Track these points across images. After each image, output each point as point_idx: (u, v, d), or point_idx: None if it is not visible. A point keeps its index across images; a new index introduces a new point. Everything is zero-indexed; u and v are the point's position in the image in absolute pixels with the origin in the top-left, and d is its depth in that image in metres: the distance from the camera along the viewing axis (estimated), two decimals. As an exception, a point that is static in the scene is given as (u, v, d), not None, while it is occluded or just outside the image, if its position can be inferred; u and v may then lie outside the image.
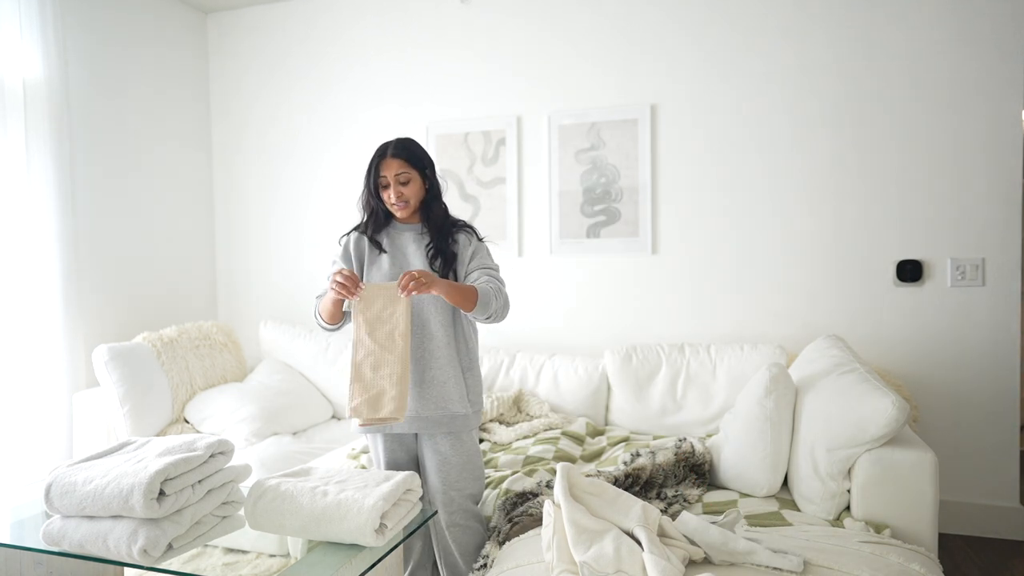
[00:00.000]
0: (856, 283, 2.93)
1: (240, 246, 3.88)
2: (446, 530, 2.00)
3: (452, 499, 1.98)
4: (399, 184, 1.98)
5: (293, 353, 3.43)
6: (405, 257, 2.03)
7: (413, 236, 2.05)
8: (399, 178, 1.97)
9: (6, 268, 2.75)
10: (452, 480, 1.98)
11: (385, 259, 2.03)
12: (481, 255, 2.04)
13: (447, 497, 1.98)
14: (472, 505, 2.02)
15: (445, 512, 1.98)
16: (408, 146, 2.01)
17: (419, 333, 1.96)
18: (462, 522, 1.99)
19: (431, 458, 2.00)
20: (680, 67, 3.11)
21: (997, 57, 2.73)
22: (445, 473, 1.98)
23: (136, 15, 3.43)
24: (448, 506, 1.98)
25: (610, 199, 3.21)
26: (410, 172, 1.98)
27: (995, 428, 2.80)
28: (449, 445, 1.98)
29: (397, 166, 1.97)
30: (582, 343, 3.27)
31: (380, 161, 1.99)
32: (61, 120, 2.88)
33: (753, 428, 2.12)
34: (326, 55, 3.65)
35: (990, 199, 2.76)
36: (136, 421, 2.78)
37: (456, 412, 1.97)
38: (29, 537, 1.66)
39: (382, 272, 2.02)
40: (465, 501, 2.00)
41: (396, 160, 1.97)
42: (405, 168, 1.97)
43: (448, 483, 1.98)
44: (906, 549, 1.67)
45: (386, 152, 1.99)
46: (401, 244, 2.05)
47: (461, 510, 1.99)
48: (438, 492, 1.99)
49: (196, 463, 1.60)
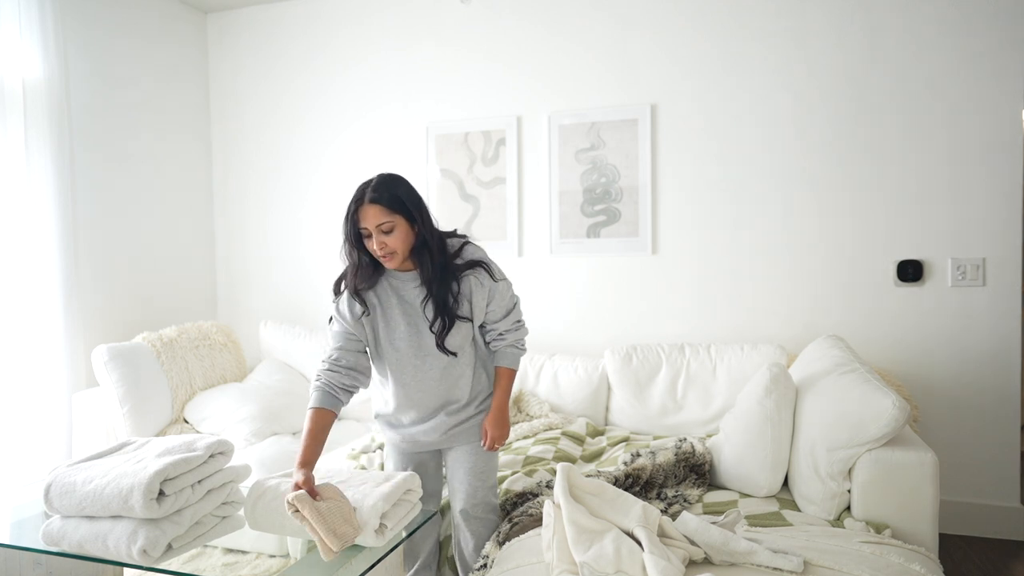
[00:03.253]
0: (856, 283, 2.93)
1: (240, 246, 3.88)
2: (464, 524, 1.99)
3: (476, 489, 1.97)
4: (382, 234, 1.71)
5: (293, 353, 3.42)
6: (415, 310, 1.83)
7: (417, 288, 1.84)
8: (381, 227, 1.70)
9: (6, 268, 2.75)
10: (477, 471, 1.97)
11: (398, 317, 1.84)
12: (498, 299, 1.87)
13: (471, 487, 1.97)
14: (492, 498, 2.02)
15: (469, 503, 1.97)
16: (389, 187, 1.72)
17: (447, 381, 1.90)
18: (482, 515, 1.99)
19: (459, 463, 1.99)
20: (680, 67, 3.10)
21: (997, 57, 2.72)
22: (473, 476, 1.97)
23: (136, 15, 3.43)
24: (472, 497, 1.97)
25: (610, 199, 3.21)
26: (393, 218, 1.71)
27: (995, 428, 2.79)
28: (477, 451, 1.99)
29: (376, 214, 1.69)
30: (582, 343, 3.27)
31: (357, 209, 1.72)
32: (61, 120, 2.87)
33: (753, 428, 2.12)
34: (326, 55, 3.65)
35: (990, 199, 2.76)
36: (136, 421, 2.78)
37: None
38: (29, 537, 1.66)
39: (400, 333, 1.83)
40: (487, 493, 2.00)
41: (374, 207, 1.69)
42: (386, 216, 1.70)
43: (473, 474, 1.97)
44: (906, 549, 1.67)
45: (363, 198, 1.71)
46: (408, 296, 1.84)
47: (483, 502, 1.99)
48: (463, 483, 1.97)
49: (196, 463, 1.60)
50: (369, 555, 1.52)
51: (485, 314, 1.89)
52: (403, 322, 1.84)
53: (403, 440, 1.99)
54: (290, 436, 2.95)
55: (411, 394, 1.91)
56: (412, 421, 1.95)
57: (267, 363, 3.39)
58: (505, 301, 1.91)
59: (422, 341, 1.85)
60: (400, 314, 1.84)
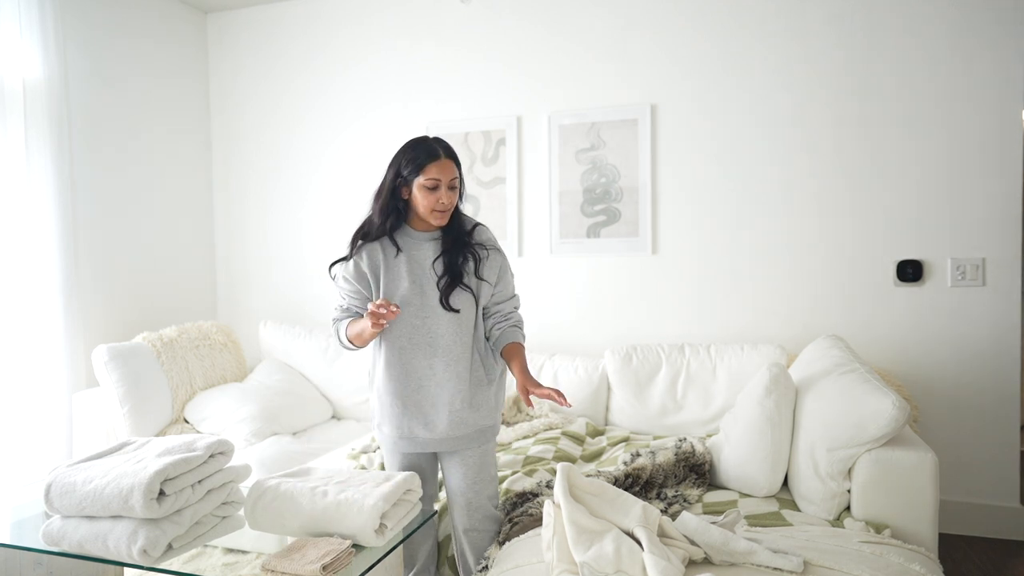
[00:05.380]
0: (856, 283, 2.93)
1: (240, 246, 3.88)
2: (464, 536, 1.97)
3: (470, 502, 1.95)
4: (449, 189, 1.81)
5: (293, 353, 3.43)
6: (424, 271, 1.88)
7: (433, 246, 1.89)
8: (452, 182, 1.81)
9: (6, 268, 2.75)
10: (473, 484, 1.95)
11: (404, 271, 1.87)
12: (506, 279, 1.96)
13: (466, 500, 1.95)
14: (492, 509, 2.00)
15: (466, 517, 1.95)
16: (453, 149, 1.87)
17: (444, 356, 1.87)
18: (481, 527, 1.96)
19: (456, 467, 1.96)
20: (680, 67, 3.10)
21: (997, 57, 2.72)
22: (470, 480, 1.94)
23: (136, 15, 3.43)
24: (468, 509, 1.95)
25: (610, 199, 3.21)
26: (459, 176, 1.85)
27: (995, 428, 2.80)
28: (472, 453, 1.95)
29: (452, 169, 1.82)
30: (582, 343, 3.27)
31: (431, 161, 1.79)
32: (61, 119, 2.87)
33: (753, 428, 2.12)
34: (326, 54, 3.65)
35: (990, 199, 2.76)
36: (136, 421, 2.78)
37: (484, 425, 1.95)
38: (29, 537, 1.66)
39: (402, 288, 1.86)
40: (486, 505, 1.97)
41: (451, 163, 1.82)
42: (456, 172, 1.83)
43: (469, 486, 1.95)
44: (906, 549, 1.67)
45: (438, 153, 1.81)
46: (419, 255, 1.89)
47: (481, 514, 1.96)
48: (459, 496, 1.95)
49: (196, 463, 1.60)
50: (369, 555, 1.52)
51: (492, 294, 1.93)
52: (407, 279, 1.87)
53: (400, 437, 1.93)
54: (290, 436, 2.95)
55: (406, 360, 1.87)
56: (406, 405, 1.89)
57: (267, 363, 3.39)
58: (511, 285, 1.99)
59: (425, 301, 1.86)
60: (406, 272, 1.87)
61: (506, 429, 2.72)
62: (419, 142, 1.84)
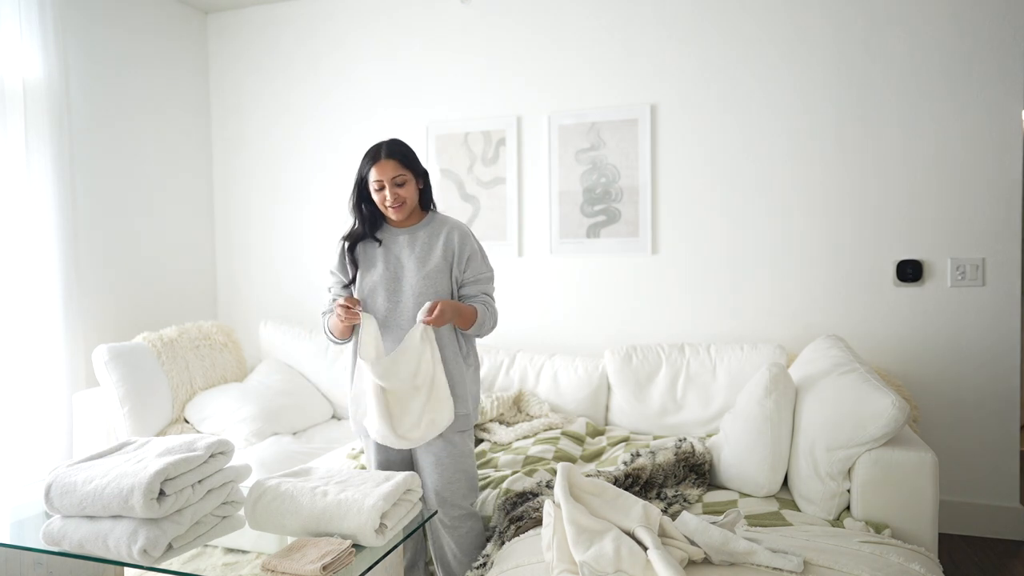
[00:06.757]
0: (856, 283, 2.93)
1: (240, 246, 3.88)
2: (441, 531, 2.00)
3: (445, 499, 1.98)
4: (395, 186, 1.95)
5: (293, 353, 3.43)
6: (399, 261, 2.01)
7: (407, 240, 2.03)
8: (395, 180, 1.95)
9: (6, 268, 2.75)
10: (446, 480, 1.98)
11: (379, 264, 2.02)
12: (476, 263, 2.04)
13: (440, 498, 1.98)
14: (467, 505, 2.02)
15: (440, 512, 1.98)
16: (401, 146, 2.00)
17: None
18: (456, 523, 1.99)
19: (425, 458, 2.00)
20: (680, 67, 3.10)
21: (997, 57, 2.73)
22: (439, 473, 1.98)
23: (136, 15, 3.43)
24: (442, 506, 1.98)
25: (610, 199, 3.21)
26: (405, 173, 1.96)
27: (995, 428, 2.80)
28: (442, 445, 1.98)
29: (393, 167, 1.94)
30: (582, 343, 3.27)
31: (374, 164, 1.95)
32: (61, 120, 2.88)
33: (753, 428, 2.12)
34: (327, 54, 3.65)
35: (990, 199, 2.76)
36: (136, 421, 2.78)
37: (457, 413, 1.98)
38: (29, 537, 1.66)
39: (373, 279, 2.01)
40: (460, 501, 2.00)
41: (391, 162, 1.94)
42: (400, 170, 1.95)
43: (443, 483, 1.98)
44: (906, 549, 1.67)
45: (379, 154, 1.95)
46: (395, 249, 2.03)
47: (455, 509, 1.99)
48: (432, 492, 1.99)
49: (196, 463, 1.60)
50: (369, 555, 1.52)
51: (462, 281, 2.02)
52: (382, 264, 2.02)
53: None
54: (290, 436, 2.95)
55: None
56: None
57: (267, 363, 3.39)
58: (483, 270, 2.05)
59: (397, 286, 2.00)
60: (381, 260, 2.02)
61: (506, 429, 2.72)
62: (370, 148, 2.00)
